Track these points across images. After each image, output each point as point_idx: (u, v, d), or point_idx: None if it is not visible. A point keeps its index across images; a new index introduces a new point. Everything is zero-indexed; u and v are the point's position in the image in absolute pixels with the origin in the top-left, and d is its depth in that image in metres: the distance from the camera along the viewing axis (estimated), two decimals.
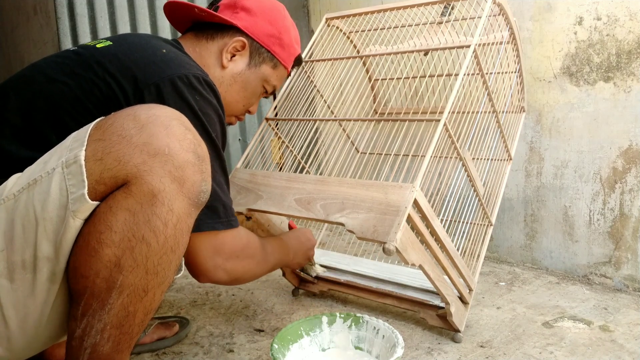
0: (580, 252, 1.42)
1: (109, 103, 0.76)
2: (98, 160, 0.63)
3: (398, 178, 0.93)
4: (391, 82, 1.42)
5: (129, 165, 0.62)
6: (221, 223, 0.83)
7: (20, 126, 0.74)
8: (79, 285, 0.63)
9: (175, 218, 0.65)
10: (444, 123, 0.91)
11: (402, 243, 0.81)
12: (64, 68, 0.78)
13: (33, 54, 2.11)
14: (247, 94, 1.00)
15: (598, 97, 1.34)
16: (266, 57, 0.98)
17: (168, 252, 0.66)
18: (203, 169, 0.69)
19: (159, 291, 0.67)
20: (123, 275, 0.63)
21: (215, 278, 0.86)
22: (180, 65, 0.80)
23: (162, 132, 0.65)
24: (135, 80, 0.77)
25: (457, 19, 1.14)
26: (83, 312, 0.63)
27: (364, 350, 0.97)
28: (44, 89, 0.76)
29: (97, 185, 0.63)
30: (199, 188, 0.68)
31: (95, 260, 0.62)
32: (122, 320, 0.64)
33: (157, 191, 0.63)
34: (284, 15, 1.01)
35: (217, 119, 0.83)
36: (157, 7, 2.02)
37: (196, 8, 0.93)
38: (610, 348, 1.01)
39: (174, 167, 0.64)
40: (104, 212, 0.63)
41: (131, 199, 0.63)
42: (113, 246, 0.62)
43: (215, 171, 0.82)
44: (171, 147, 0.65)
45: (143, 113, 0.66)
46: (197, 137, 0.69)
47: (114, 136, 0.64)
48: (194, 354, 1.04)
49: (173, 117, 0.67)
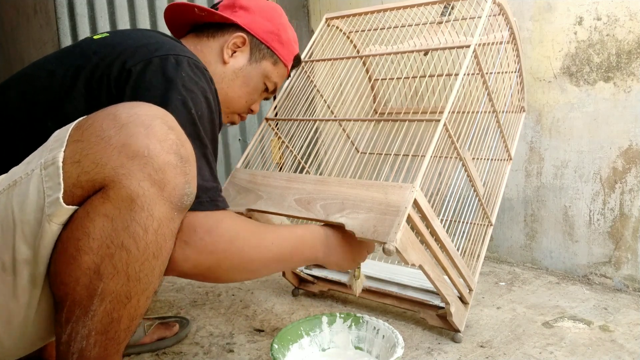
0: (580, 252, 1.42)
1: (101, 89, 0.75)
2: (75, 163, 0.60)
3: (398, 178, 0.93)
4: (391, 82, 1.42)
5: (107, 168, 0.60)
6: (199, 203, 0.73)
7: (23, 122, 0.74)
8: (60, 292, 0.62)
9: (156, 223, 0.62)
10: (444, 123, 0.91)
11: (402, 243, 0.81)
12: (63, 61, 0.79)
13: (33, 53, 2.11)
14: (249, 90, 1.00)
15: (598, 97, 1.34)
16: (266, 53, 1.00)
17: (150, 259, 0.63)
18: (186, 171, 0.65)
19: (143, 297, 0.65)
20: (104, 283, 0.61)
21: (182, 268, 0.73)
22: (172, 49, 0.79)
23: (142, 132, 0.61)
24: (124, 62, 0.75)
25: (457, 19, 1.14)
26: (67, 318, 0.62)
27: (364, 350, 0.97)
28: (44, 83, 0.77)
29: (74, 189, 0.60)
30: (182, 191, 0.64)
31: (74, 268, 0.60)
32: (107, 326, 0.62)
33: (136, 196, 0.60)
34: (281, 14, 1.04)
35: (204, 101, 0.79)
36: (157, 7, 2.02)
37: (196, 8, 0.94)
38: (610, 348, 1.01)
39: (153, 170, 0.61)
40: (82, 217, 0.61)
41: (109, 204, 0.60)
42: (91, 253, 0.60)
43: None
44: (151, 148, 0.61)
45: (124, 112, 0.63)
46: (181, 137, 0.66)
47: (93, 137, 0.61)
48: (194, 354, 1.04)
49: (155, 116, 0.64)
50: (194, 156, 0.68)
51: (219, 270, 0.76)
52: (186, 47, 0.89)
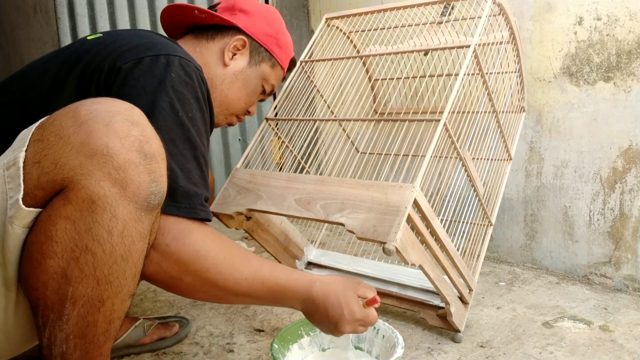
0: (580, 252, 1.42)
1: (91, 87, 0.74)
2: (36, 164, 0.58)
3: (398, 178, 0.93)
4: (391, 82, 1.42)
5: (66, 169, 0.57)
6: (176, 207, 0.72)
7: (16, 120, 0.74)
8: (31, 297, 0.61)
9: (121, 225, 0.60)
10: (444, 123, 0.91)
11: (402, 243, 0.81)
12: (55, 60, 0.80)
13: (33, 53, 2.11)
14: (248, 92, 1.02)
15: (598, 97, 1.34)
16: (265, 56, 1.02)
17: (118, 261, 0.61)
18: (152, 169, 0.61)
19: (118, 300, 0.63)
20: (72, 287, 0.59)
21: (146, 271, 0.72)
22: (164, 49, 0.78)
23: (102, 129, 0.58)
24: (115, 61, 0.75)
25: (457, 19, 1.14)
26: (43, 322, 0.61)
27: (364, 350, 0.97)
28: (36, 81, 0.77)
29: (35, 191, 0.58)
30: (147, 190, 0.61)
31: (41, 272, 0.59)
32: (84, 330, 0.61)
33: (97, 197, 0.58)
34: (279, 18, 1.06)
35: (195, 102, 0.77)
36: (157, 7, 2.02)
37: (196, 10, 0.95)
38: (610, 348, 1.01)
39: (113, 169, 0.58)
40: (44, 220, 0.59)
41: (69, 206, 0.58)
42: (56, 257, 0.58)
43: (179, 152, 0.74)
44: (110, 146, 0.58)
45: (84, 109, 0.60)
46: (145, 133, 0.62)
47: (52, 136, 0.59)
48: (194, 354, 1.04)
49: (116, 112, 0.60)
50: (163, 153, 0.65)
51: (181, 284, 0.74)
52: (182, 47, 0.89)
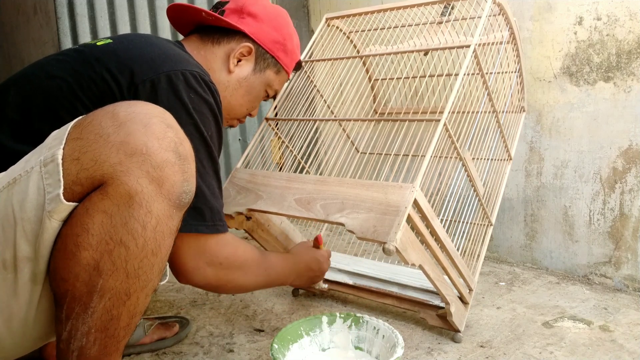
0: (580, 252, 1.42)
1: (105, 98, 0.75)
2: (75, 160, 0.61)
3: (398, 178, 0.93)
4: (391, 82, 1.42)
5: (105, 166, 0.60)
6: (206, 226, 0.81)
7: (19, 121, 0.74)
8: (60, 288, 0.62)
9: (155, 220, 0.63)
10: (444, 123, 0.91)
11: (402, 243, 0.81)
12: (64, 65, 0.79)
13: (33, 53, 2.11)
14: (251, 98, 1.01)
15: (598, 97, 1.34)
16: (270, 63, 1.00)
17: (149, 255, 0.64)
18: (185, 169, 0.66)
19: (142, 295, 0.65)
20: (103, 279, 0.61)
21: (194, 281, 0.84)
22: (179, 62, 0.80)
23: (141, 130, 0.62)
24: (132, 75, 0.76)
25: (457, 19, 1.14)
26: (67, 315, 0.62)
27: (364, 350, 0.97)
28: (42, 84, 0.77)
29: (73, 186, 0.61)
30: (180, 189, 0.65)
31: (74, 264, 0.61)
32: (107, 323, 0.63)
33: (134, 192, 0.61)
34: (288, 21, 1.04)
35: (213, 118, 0.81)
36: (157, 7, 2.02)
37: (203, 12, 0.94)
38: (610, 348, 1.01)
39: (152, 167, 0.62)
40: (81, 214, 0.61)
41: (107, 201, 0.61)
42: (90, 249, 0.61)
43: (206, 172, 0.80)
44: (149, 146, 0.62)
45: (122, 110, 0.63)
46: (179, 135, 0.66)
47: (92, 135, 0.62)
48: (194, 354, 1.04)
49: (153, 115, 0.64)
50: (193, 155, 0.69)
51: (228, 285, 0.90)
52: (189, 53, 0.89)
